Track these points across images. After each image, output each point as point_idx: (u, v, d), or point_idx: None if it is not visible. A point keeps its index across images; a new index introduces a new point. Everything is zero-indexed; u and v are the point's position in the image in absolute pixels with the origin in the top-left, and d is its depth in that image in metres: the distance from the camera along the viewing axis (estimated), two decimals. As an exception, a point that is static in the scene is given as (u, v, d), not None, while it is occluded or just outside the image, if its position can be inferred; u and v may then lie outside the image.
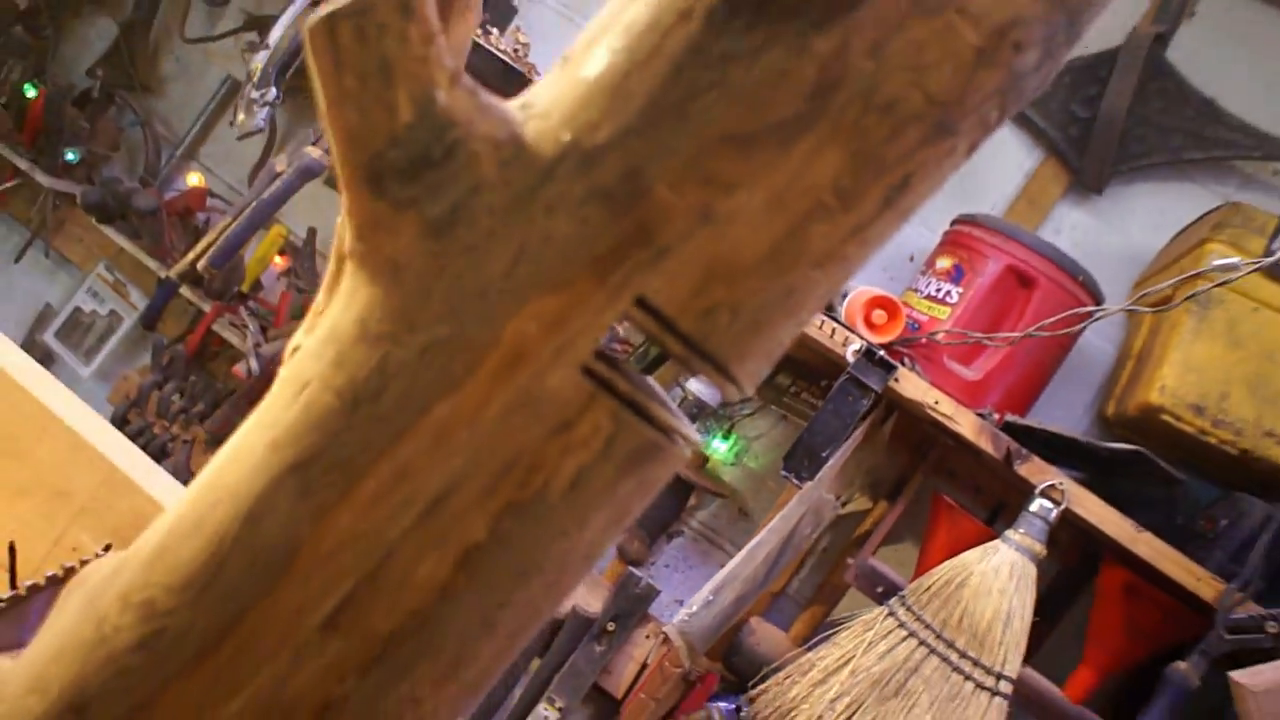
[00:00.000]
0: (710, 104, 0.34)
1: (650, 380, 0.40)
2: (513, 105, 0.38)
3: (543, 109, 0.36)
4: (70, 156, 2.11)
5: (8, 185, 2.24)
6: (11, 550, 0.68)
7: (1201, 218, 1.46)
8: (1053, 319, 1.24)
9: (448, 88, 0.36)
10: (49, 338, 2.16)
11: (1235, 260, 0.97)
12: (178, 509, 0.41)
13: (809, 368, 1.65)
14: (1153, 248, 1.69)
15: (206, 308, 1.81)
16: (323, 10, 0.34)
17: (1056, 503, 1.24)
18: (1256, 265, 0.90)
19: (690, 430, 0.40)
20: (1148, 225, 1.72)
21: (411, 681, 0.38)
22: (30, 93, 2.19)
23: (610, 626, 1.57)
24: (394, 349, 0.37)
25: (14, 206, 2.28)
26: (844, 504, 1.49)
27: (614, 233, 0.35)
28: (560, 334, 0.36)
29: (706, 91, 0.34)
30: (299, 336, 0.51)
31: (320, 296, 0.49)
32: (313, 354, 0.39)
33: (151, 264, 1.90)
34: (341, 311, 0.39)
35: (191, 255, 1.66)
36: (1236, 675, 1.06)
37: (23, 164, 2.13)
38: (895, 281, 1.82)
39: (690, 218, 0.35)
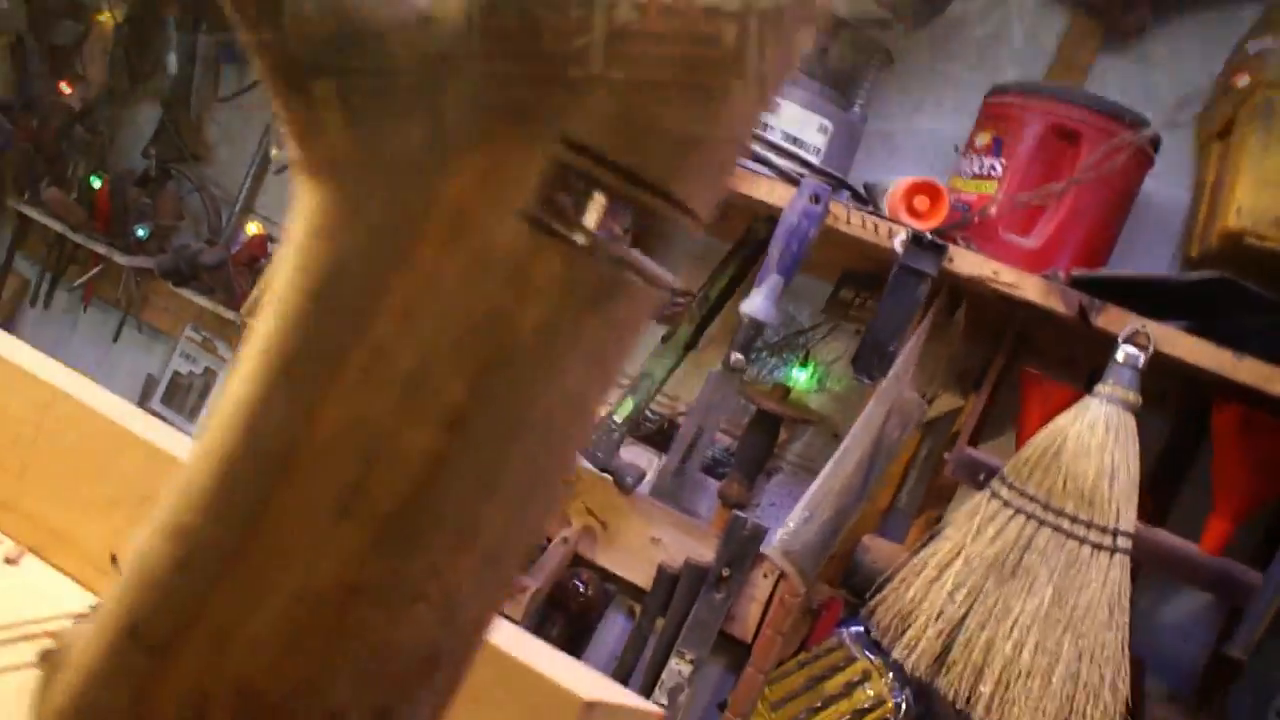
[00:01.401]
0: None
1: (604, 219, 0.40)
2: (408, -19, 0.38)
3: (434, -24, 0.37)
4: (141, 233, 2.27)
5: (93, 273, 2.41)
6: (114, 562, 0.73)
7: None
8: (1094, 157, 1.18)
9: (340, -25, 0.36)
10: (156, 405, 2.30)
11: (1270, 42, 0.90)
12: (198, 444, 0.43)
13: (868, 276, 1.62)
14: (1208, 81, 1.59)
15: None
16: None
17: (1143, 348, 1.18)
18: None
19: (652, 265, 0.40)
20: (1196, 61, 1.62)
21: (428, 553, 0.39)
22: (96, 183, 2.39)
23: (725, 573, 1.57)
24: (344, 237, 0.38)
25: (102, 290, 2.45)
26: (930, 400, 1.45)
27: (524, 79, 0.36)
28: (493, 186, 0.37)
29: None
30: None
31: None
32: (279, 266, 0.41)
33: (230, 315, 2.00)
34: (298, 222, 0.41)
35: (255, 292, 1.74)
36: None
37: (101, 249, 2.29)
38: (945, 176, 1.76)
39: (598, 48, 0.35)
